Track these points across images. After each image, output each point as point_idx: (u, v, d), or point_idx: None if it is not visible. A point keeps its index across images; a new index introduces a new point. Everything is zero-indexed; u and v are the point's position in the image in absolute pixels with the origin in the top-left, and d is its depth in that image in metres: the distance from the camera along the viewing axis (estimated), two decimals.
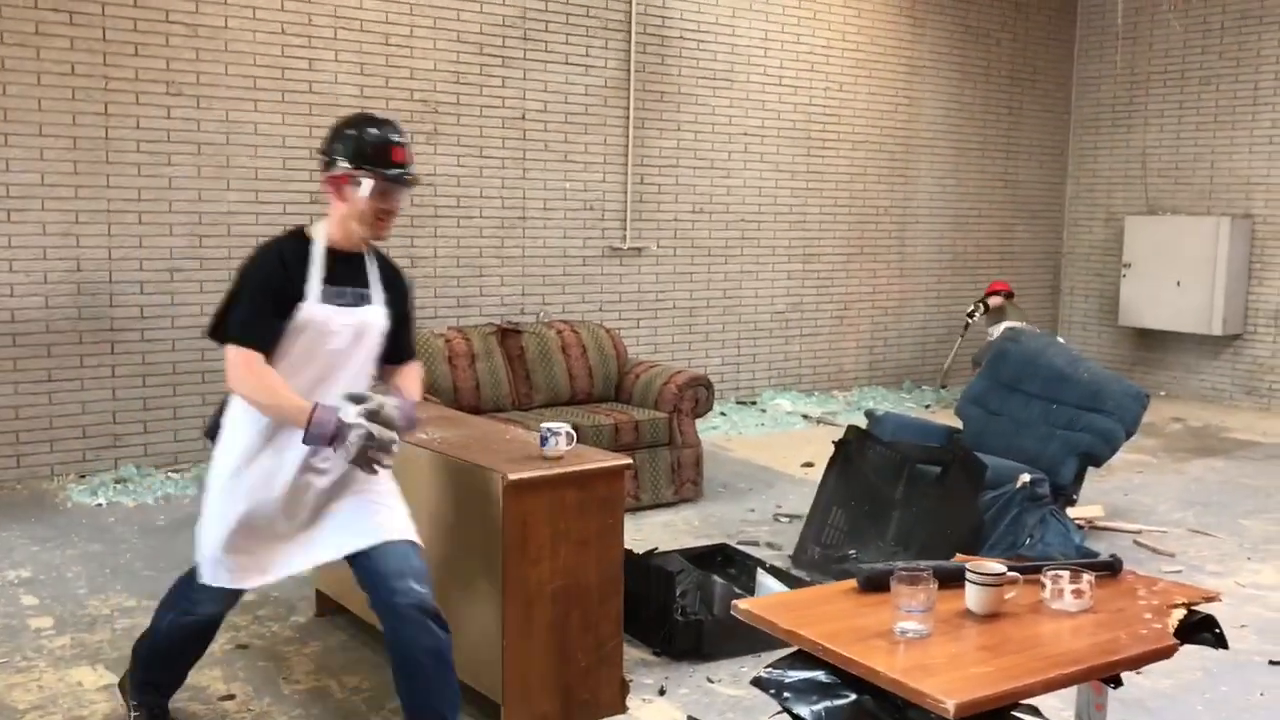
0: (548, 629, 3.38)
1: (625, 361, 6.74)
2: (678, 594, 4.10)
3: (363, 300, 3.06)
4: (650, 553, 4.51)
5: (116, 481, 6.30)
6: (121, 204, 6.38)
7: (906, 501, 5.29)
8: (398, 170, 3.01)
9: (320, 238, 3.03)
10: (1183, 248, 9.74)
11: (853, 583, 2.61)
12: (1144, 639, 2.40)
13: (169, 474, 6.51)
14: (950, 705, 2.00)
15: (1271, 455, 7.93)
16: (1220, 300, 9.55)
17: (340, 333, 3.00)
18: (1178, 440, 8.43)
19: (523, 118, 7.68)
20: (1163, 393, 10.12)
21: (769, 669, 2.38)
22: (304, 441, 2.87)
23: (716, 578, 4.27)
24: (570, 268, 8.05)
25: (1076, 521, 5.43)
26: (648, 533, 5.62)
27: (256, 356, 2.91)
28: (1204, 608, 2.61)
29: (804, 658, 2.35)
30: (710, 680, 3.94)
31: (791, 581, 4.49)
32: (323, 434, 2.84)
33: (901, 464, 5.35)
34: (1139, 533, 5.92)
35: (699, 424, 6.50)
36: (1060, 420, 5.38)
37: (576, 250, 8.05)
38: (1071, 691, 2.74)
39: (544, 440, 3.46)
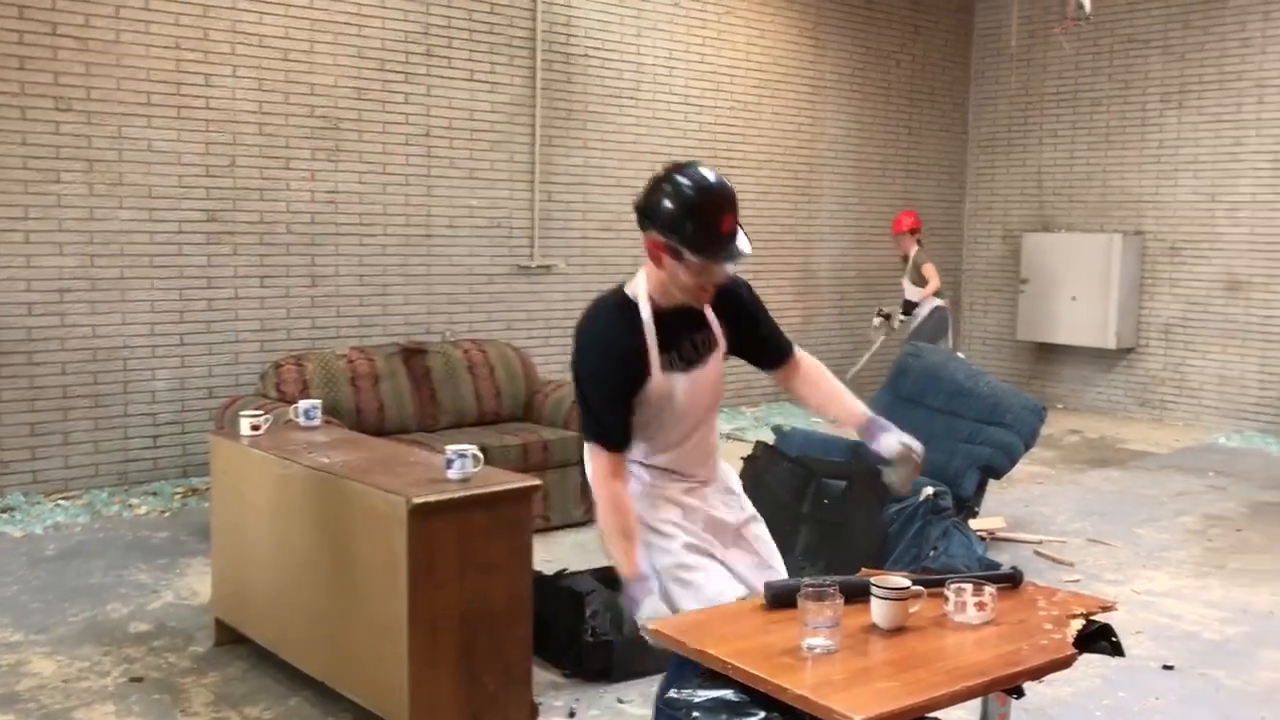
0: (455, 654, 3.32)
1: (534, 381, 6.69)
2: (588, 614, 4.06)
3: (700, 349, 2.79)
4: (560, 573, 4.46)
5: (2, 510, 6.05)
6: (7, 222, 6.15)
7: (813, 516, 5.33)
8: (725, 249, 2.58)
9: (644, 301, 2.70)
10: (1077, 264, 10.02)
11: (760, 600, 2.61)
12: (1045, 649, 2.43)
13: (59, 502, 6.27)
14: None
15: (1164, 465, 8.18)
16: (1114, 315, 9.84)
17: (687, 397, 2.77)
18: (1075, 452, 8.65)
19: (427, 134, 7.60)
20: (1060, 405, 10.38)
21: (677, 689, 2.36)
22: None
23: None
24: (477, 286, 7.97)
25: (979, 533, 5.52)
26: (557, 553, 5.56)
27: (616, 461, 2.74)
28: (1101, 617, 2.66)
29: (713, 676, 2.33)
30: (620, 701, 3.91)
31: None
32: (630, 602, 2.73)
33: (807, 479, 5.39)
34: (1039, 543, 6.04)
35: None
36: (962, 433, 5.48)
37: (483, 268, 7.99)
38: (976, 703, 2.77)
39: (450, 463, 3.40)
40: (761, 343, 2.96)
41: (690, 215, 2.54)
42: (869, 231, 10.48)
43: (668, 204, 2.56)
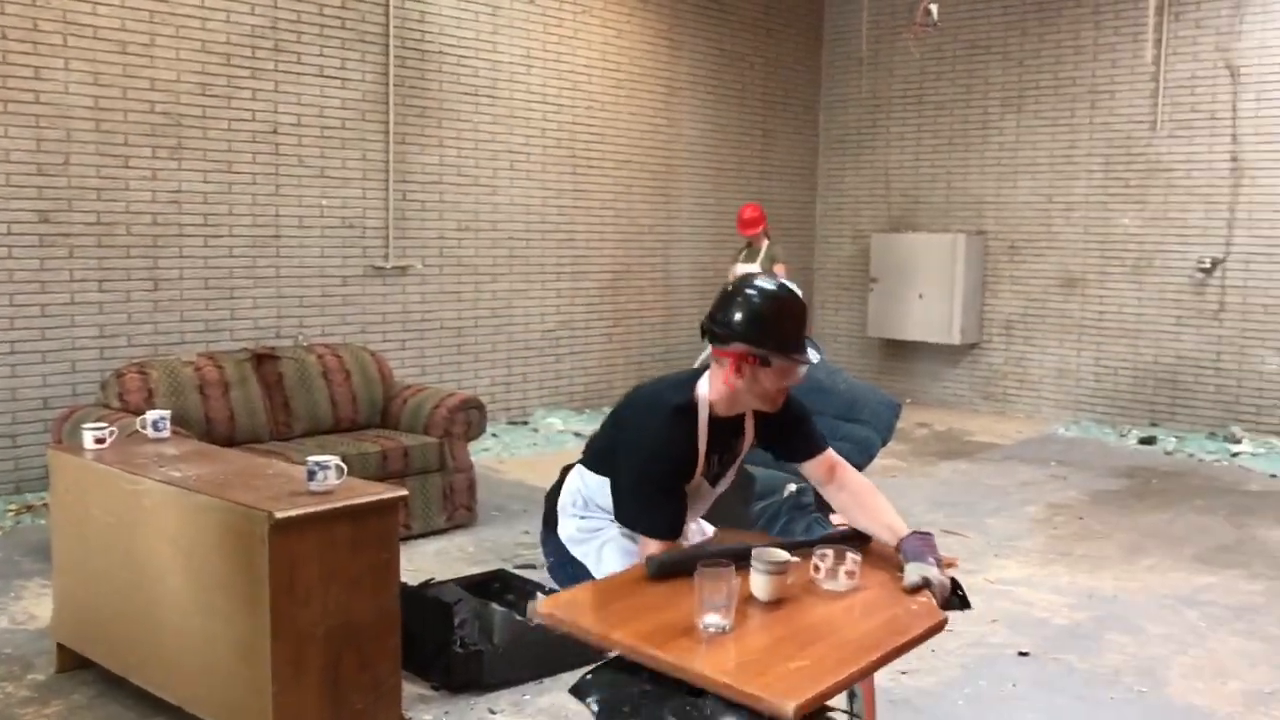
0: (321, 672, 3.20)
1: (392, 385, 6.53)
2: (456, 625, 3.98)
3: (732, 458, 2.96)
4: (426, 584, 4.36)
5: None
6: None
7: None
8: (805, 350, 2.77)
9: (704, 408, 2.80)
10: (924, 263, 10.34)
11: (641, 570, 2.58)
12: (920, 615, 2.45)
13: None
14: (790, 707, 1.97)
15: (1009, 456, 8.50)
16: (958, 312, 10.18)
17: (705, 501, 2.99)
18: (925, 444, 8.91)
19: (275, 132, 7.35)
20: (909, 400, 10.68)
21: (587, 675, 2.33)
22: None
23: (495, 605, 4.17)
24: (329, 288, 7.75)
25: (840, 526, 5.62)
26: (420, 563, 5.45)
27: (670, 547, 2.73)
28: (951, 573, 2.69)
29: (617, 662, 2.31)
30: (492, 711, 3.84)
31: None
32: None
33: None
34: None
35: (470, 446, 6.38)
36: (822, 430, 5.55)
37: (336, 269, 7.77)
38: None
39: (311, 474, 3.28)
40: (803, 436, 3.02)
41: (776, 322, 2.71)
42: (726, 232, 10.59)
43: (750, 315, 2.70)
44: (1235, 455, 8.42)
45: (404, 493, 3.42)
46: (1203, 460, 8.35)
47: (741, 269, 8.55)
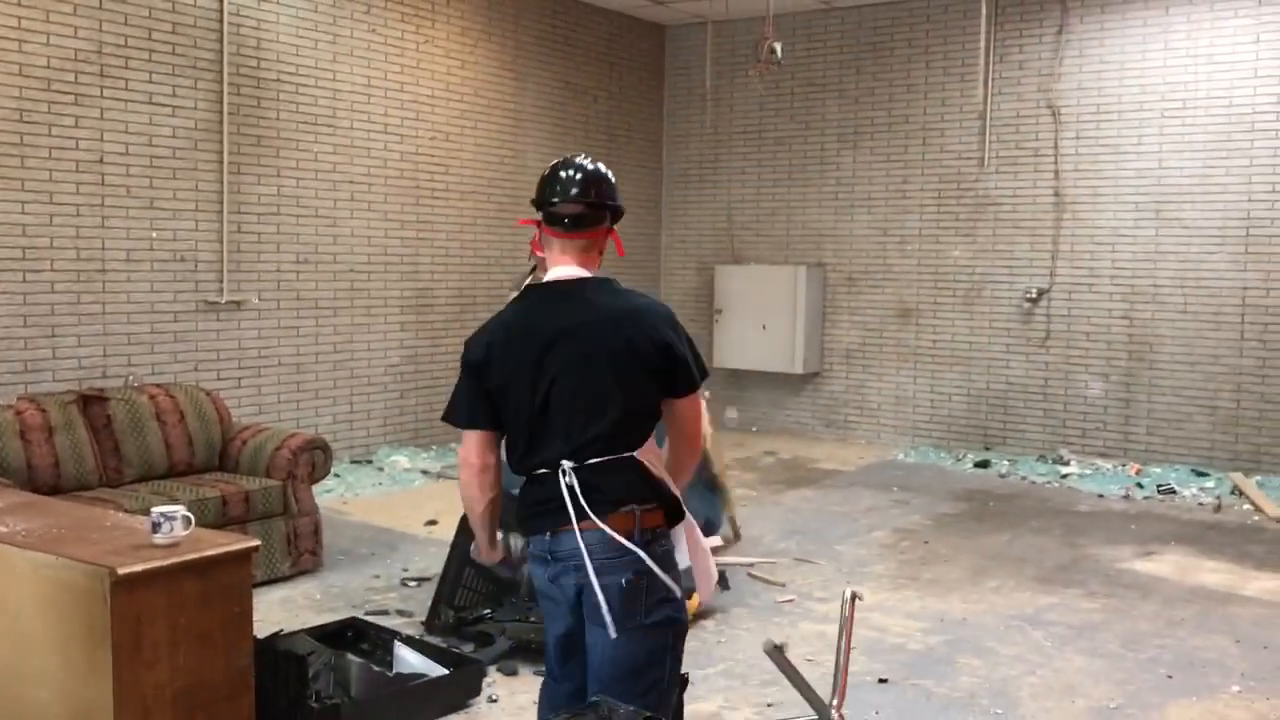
0: None
1: (229, 426, 6.25)
2: (310, 678, 3.78)
3: None
4: (275, 635, 4.14)
5: None
6: None
7: None
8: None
9: None
10: (766, 294, 10.52)
11: None
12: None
13: None
14: None
15: (854, 482, 8.68)
16: (800, 341, 10.39)
17: None
18: (773, 472, 9.04)
19: (100, 161, 6.97)
20: (755, 428, 10.84)
21: None
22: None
23: (351, 656, 4.00)
24: (160, 324, 7.37)
25: None
26: (265, 612, 5.18)
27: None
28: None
29: None
30: None
31: (430, 652, 4.29)
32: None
33: None
34: (751, 565, 6.23)
35: (314, 487, 6.13)
36: None
37: (166, 305, 7.40)
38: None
39: (156, 526, 3.07)
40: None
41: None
42: None
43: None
44: (1064, 477, 8.80)
45: (256, 543, 3.24)
46: (1034, 482, 8.70)
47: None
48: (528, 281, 3.02)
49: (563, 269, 2.82)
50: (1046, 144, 9.40)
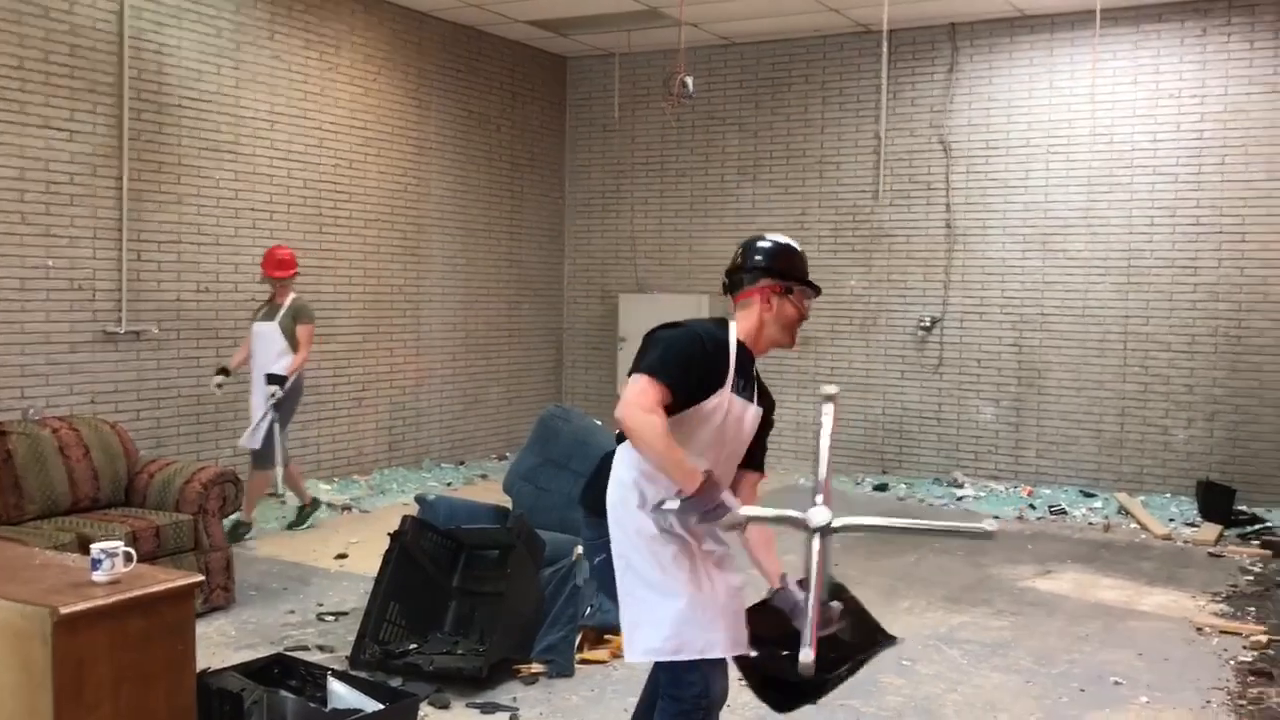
0: None
1: (135, 460, 6.06)
2: (245, 716, 3.70)
3: (753, 393, 3.23)
4: (204, 673, 4.03)
5: None
6: None
7: (464, 589, 5.23)
8: (814, 286, 3.29)
9: (734, 332, 3.17)
10: None
11: None
12: None
13: None
14: None
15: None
16: None
17: (734, 423, 3.13)
18: None
19: None
20: None
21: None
22: (681, 503, 2.87)
23: (284, 692, 3.92)
24: (55, 355, 7.12)
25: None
26: None
27: (663, 395, 2.93)
28: None
29: None
30: None
31: (362, 686, 4.23)
32: (709, 502, 2.86)
33: (457, 550, 5.29)
34: None
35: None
36: None
37: (63, 335, 7.15)
38: None
39: (96, 563, 2.98)
40: (757, 445, 3.34)
41: (798, 258, 3.27)
42: (477, 292, 10.54)
43: (777, 253, 3.24)
44: (960, 499, 9.09)
45: (199, 578, 3.17)
46: (932, 505, 8.95)
47: (260, 328, 7.41)
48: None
49: None
50: (938, 178, 9.74)
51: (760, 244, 3.28)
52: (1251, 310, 8.65)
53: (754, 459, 3.36)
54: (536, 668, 4.87)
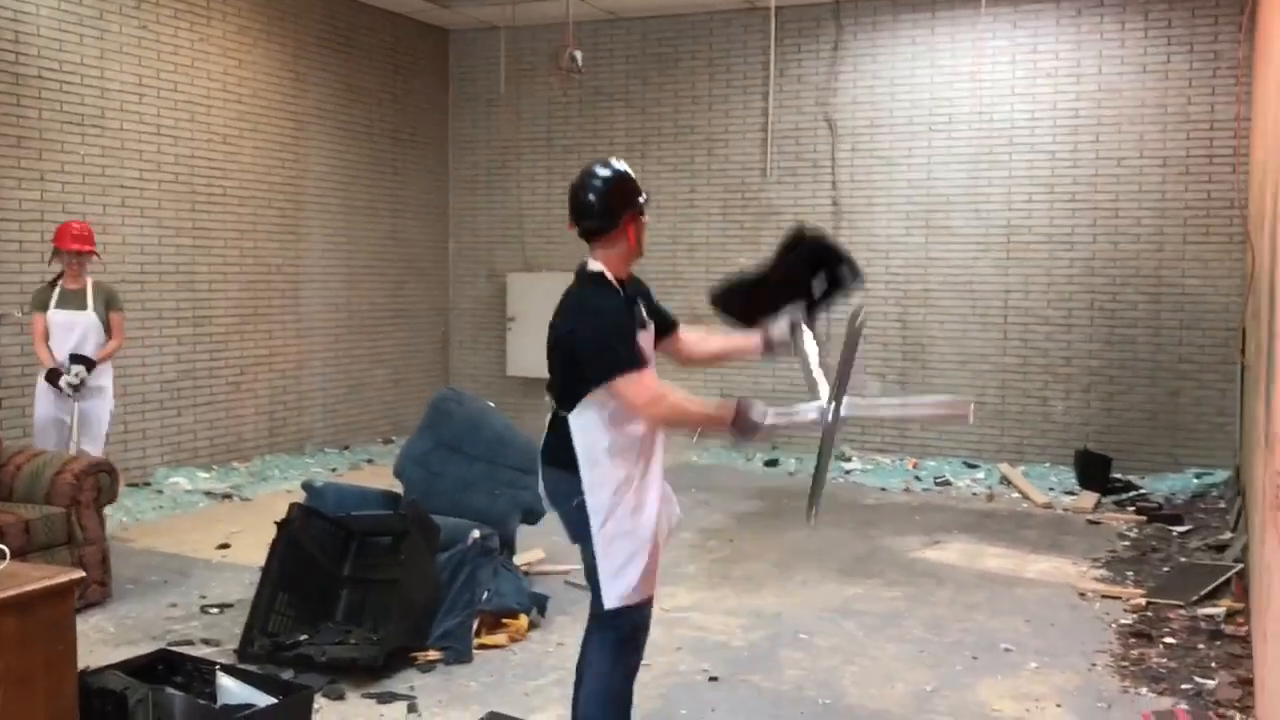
0: None
1: (1, 451, 5.73)
2: (129, 716, 3.51)
3: (643, 315, 3.48)
4: (83, 672, 3.82)
5: None
6: None
7: (355, 577, 5.09)
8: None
9: (611, 278, 3.43)
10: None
11: None
12: None
13: None
14: None
15: None
16: None
17: (650, 340, 3.52)
18: None
19: None
20: None
21: None
22: (733, 434, 3.36)
23: (170, 690, 3.74)
24: None
25: (522, 568, 5.58)
26: None
27: (646, 374, 3.29)
28: None
29: None
30: None
31: (254, 680, 4.06)
32: (753, 427, 3.32)
33: (348, 539, 5.13)
34: (568, 573, 6.22)
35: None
36: (503, 479, 5.48)
37: None
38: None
39: None
40: (661, 323, 3.64)
41: (631, 176, 3.48)
42: (360, 271, 10.28)
43: (622, 182, 3.43)
44: (848, 473, 9.21)
45: (80, 574, 2.99)
46: None
47: (65, 319, 6.44)
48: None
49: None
50: (824, 155, 9.83)
51: (602, 182, 3.41)
52: (1125, 284, 8.94)
53: (666, 327, 3.69)
54: (433, 655, 4.77)
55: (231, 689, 3.92)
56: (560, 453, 3.43)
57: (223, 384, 8.93)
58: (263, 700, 3.90)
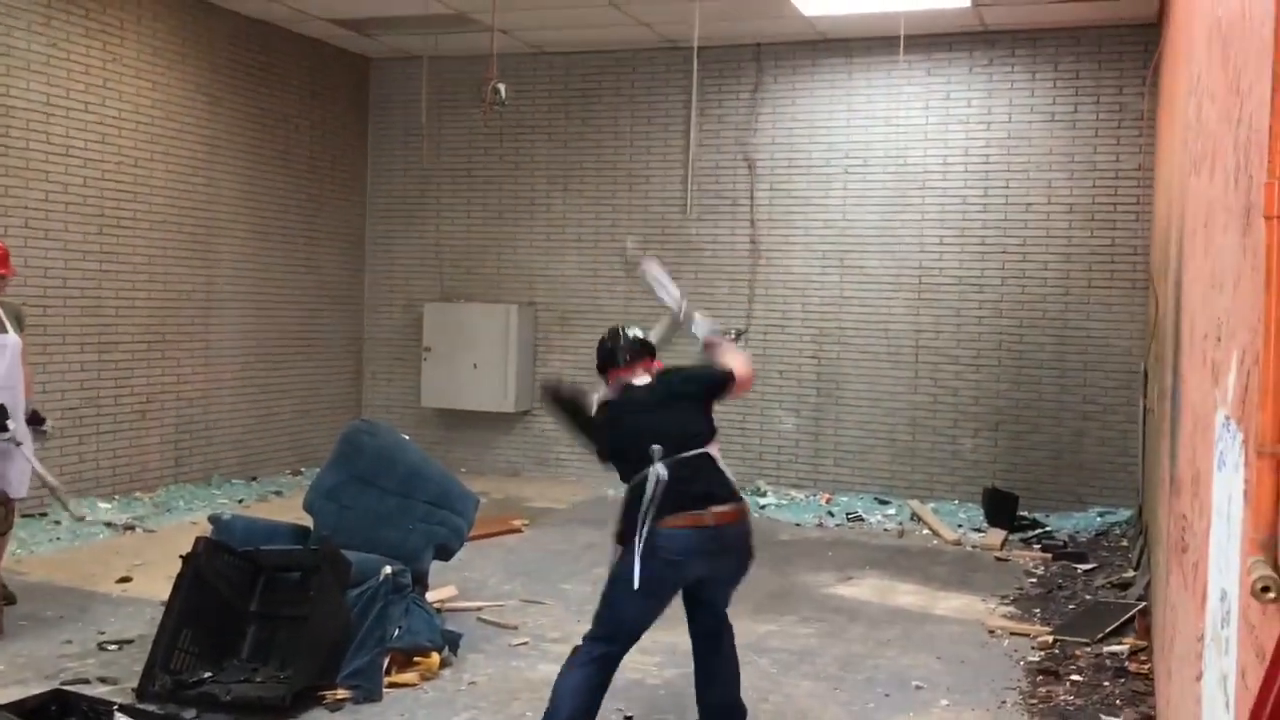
0: None
1: None
2: None
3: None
4: None
5: None
6: None
7: (263, 613, 4.96)
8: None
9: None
10: (477, 333, 10.47)
11: None
12: None
13: None
14: None
15: (569, 520, 8.76)
16: (512, 380, 10.40)
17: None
18: (486, 513, 8.89)
19: None
20: (464, 469, 10.68)
21: None
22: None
23: None
24: None
25: (435, 605, 5.49)
26: None
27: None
28: None
29: None
30: None
31: None
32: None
33: (256, 573, 5.00)
34: (480, 609, 6.14)
35: None
36: (417, 514, 5.40)
37: None
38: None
39: None
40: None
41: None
42: (272, 299, 10.09)
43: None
44: (763, 507, 9.26)
45: None
46: None
47: None
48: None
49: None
50: (744, 194, 9.94)
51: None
52: (1031, 326, 9.17)
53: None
54: (342, 694, 4.66)
55: None
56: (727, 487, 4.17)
57: (128, 412, 8.68)
58: None
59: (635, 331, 4.56)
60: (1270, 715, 1.32)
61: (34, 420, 5.84)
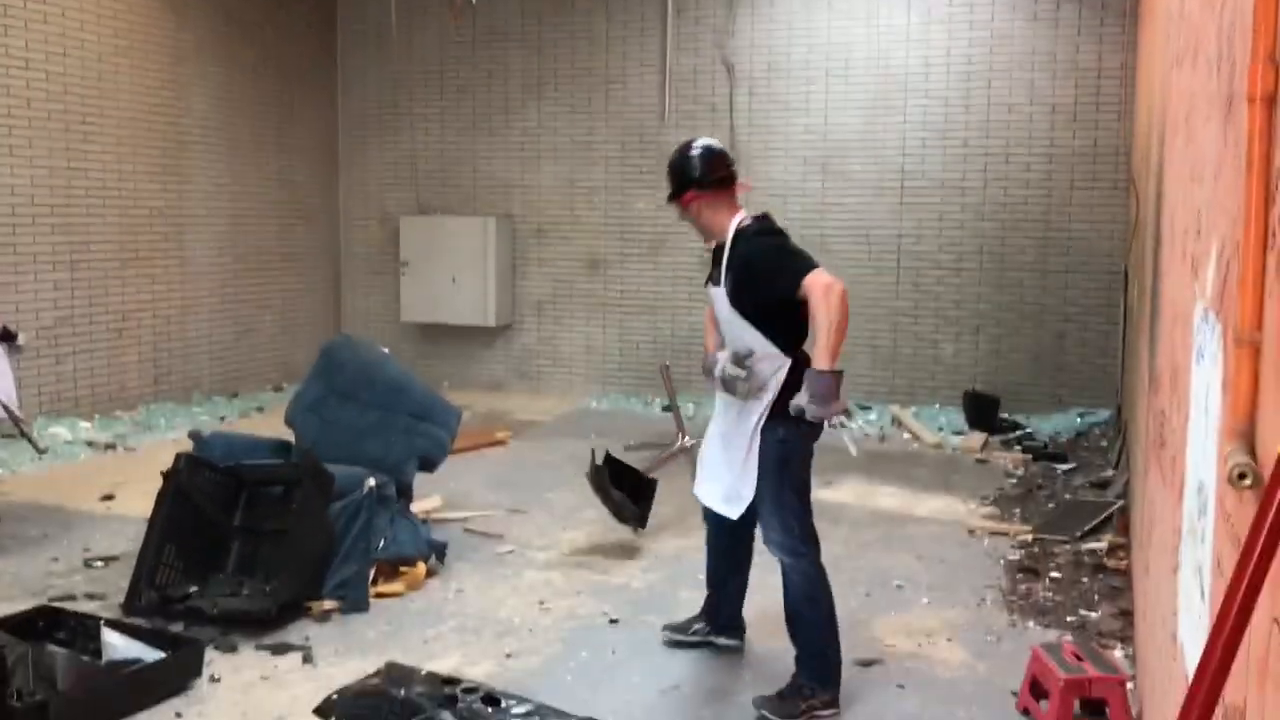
0: None
1: None
2: (7, 674, 3.38)
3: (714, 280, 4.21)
4: None
5: None
6: None
7: (246, 528, 4.96)
8: None
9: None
10: (455, 246, 10.37)
11: None
12: None
13: None
14: None
15: (552, 431, 8.78)
16: (492, 294, 10.34)
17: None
18: (467, 426, 8.94)
19: None
20: (447, 383, 10.69)
21: (333, 696, 2.23)
22: (818, 378, 4.01)
23: (52, 646, 3.61)
24: None
25: (420, 516, 5.51)
26: None
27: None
28: None
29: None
30: None
31: (141, 635, 3.95)
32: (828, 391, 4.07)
33: (238, 489, 5.00)
34: (467, 520, 6.18)
35: None
36: (399, 426, 5.39)
37: None
38: None
39: None
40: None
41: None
42: (247, 214, 9.96)
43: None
44: None
45: None
46: None
47: None
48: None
49: None
50: (722, 99, 9.79)
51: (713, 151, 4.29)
52: (1014, 229, 9.13)
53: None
54: (329, 605, 4.69)
55: (117, 644, 3.82)
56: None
57: (104, 330, 8.61)
58: (151, 655, 3.81)
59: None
60: (1242, 600, 1.32)
61: (5, 336, 5.76)
